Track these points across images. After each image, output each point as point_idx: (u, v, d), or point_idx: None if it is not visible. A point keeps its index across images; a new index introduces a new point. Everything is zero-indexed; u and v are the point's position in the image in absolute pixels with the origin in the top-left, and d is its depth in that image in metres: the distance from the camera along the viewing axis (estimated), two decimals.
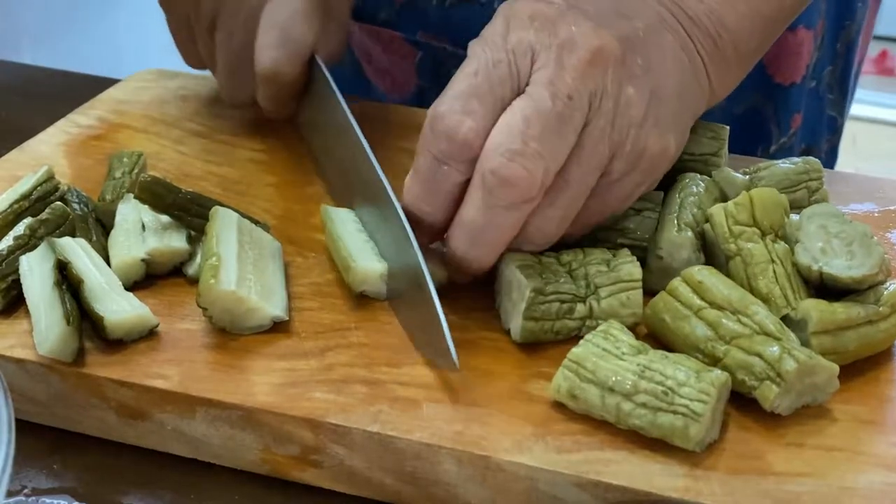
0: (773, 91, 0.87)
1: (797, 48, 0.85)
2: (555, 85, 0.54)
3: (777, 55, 0.85)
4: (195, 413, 0.52)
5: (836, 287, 0.55)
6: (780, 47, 0.85)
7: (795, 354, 0.50)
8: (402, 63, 0.89)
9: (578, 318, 0.55)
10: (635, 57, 0.57)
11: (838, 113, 0.94)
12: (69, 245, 0.57)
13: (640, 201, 0.62)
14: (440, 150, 0.55)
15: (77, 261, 0.56)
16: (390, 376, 0.53)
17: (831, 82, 0.92)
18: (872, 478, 0.49)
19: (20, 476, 0.52)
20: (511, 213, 0.54)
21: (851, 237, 0.55)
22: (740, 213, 0.56)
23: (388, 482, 0.51)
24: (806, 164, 0.65)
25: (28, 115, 0.84)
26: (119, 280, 0.57)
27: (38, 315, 0.54)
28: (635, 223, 0.61)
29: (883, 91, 3.01)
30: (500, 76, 0.55)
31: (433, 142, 0.55)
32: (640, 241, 0.61)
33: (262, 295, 0.56)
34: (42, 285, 0.55)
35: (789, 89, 0.87)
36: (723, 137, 0.66)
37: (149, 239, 0.60)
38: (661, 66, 0.58)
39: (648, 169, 0.58)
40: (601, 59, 0.55)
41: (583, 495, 0.48)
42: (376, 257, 0.59)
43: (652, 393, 0.49)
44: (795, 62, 0.86)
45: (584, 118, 0.54)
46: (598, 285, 0.56)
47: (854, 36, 0.90)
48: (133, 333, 0.55)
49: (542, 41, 0.55)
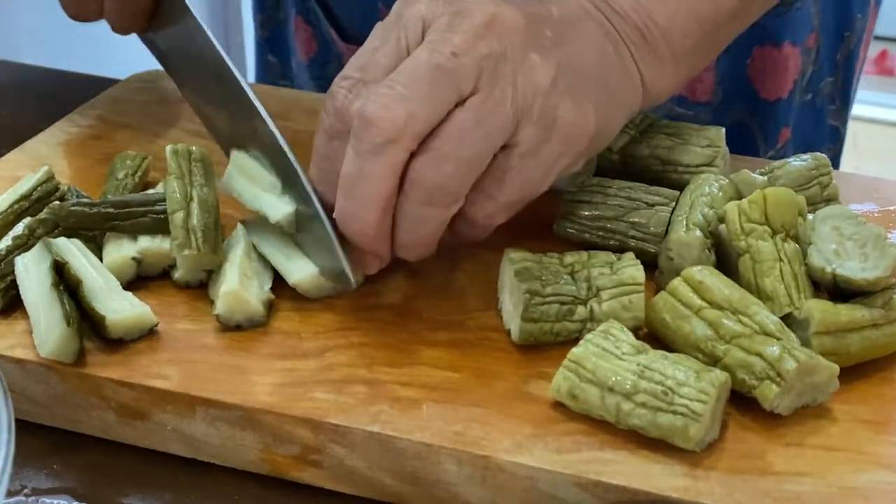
0: (759, 106, 0.86)
1: (783, 63, 0.85)
2: (437, 44, 0.53)
3: (762, 70, 0.85)
4: (195, 413, 0.52)
5: (850, 289, 0.55)
6: (765, 62, 0.84)
7: (796, 354, 0.50)
8: None
9: (579, 321, 0.55)
10: (543, 28, 0.56)
11: (841, 122, 0.93)
12: (65, 245, 0.57)
13: (653, 196, 0.62)
14: (329, 125, 0.55)
15: (74, 261, 0.56)
16: (390, 376, 0.53)
17: (832, 93, 0.91)
18: (872, 478, 0.49)
19: (20, 476, 0.52)
20: (377, 157, 0.52)
21: (865, 239, 0.55)
22: (753, 212, 0.56)
23: (388, 482, 0.51)
24: (815, 160, 0.65)
25: (28, 115, 0.84)
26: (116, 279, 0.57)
27: (37, 317, 0.54)
28: (647, 217, 0.61)
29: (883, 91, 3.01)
30: (389, 49, 0.55)
31: (324, 118, 0.55)
32: (651, 235, 0.61)
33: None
34: (39, 286, 0.55)
35: (775, 104, 0.86)
36: (718, 144, 0.65)
37: (141, 239, 0.60)
38: (577, 44, 0.57)
39: (565, 139, 0.55)
40: (497, 24, 0.54)
41: (583, 495, 0.48)
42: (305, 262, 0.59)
43: (652, 393, 0.49)
44: (781, 77, 0.85)
45: (472, 80, 0.53)
46: (599, 288, 0.56)
47: (854, 46, 0.90)
48: (133, 332, 0.55)
49: (434, 10, 0.55)
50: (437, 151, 0.53)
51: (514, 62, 0.54)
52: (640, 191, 0.62)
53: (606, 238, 0.62)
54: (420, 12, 0.55)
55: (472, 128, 0.53)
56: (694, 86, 0.85)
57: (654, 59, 0.60)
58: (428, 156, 0.53)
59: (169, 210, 0.59)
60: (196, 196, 0.59)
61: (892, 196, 0.71)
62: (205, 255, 0.57)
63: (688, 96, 0.85)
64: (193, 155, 0.62)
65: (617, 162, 0.67)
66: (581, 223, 0.62)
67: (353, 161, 0.53)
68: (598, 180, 0.64)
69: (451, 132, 0.53)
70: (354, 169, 0.53)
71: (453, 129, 0.53)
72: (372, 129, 0.52)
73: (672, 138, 0.66)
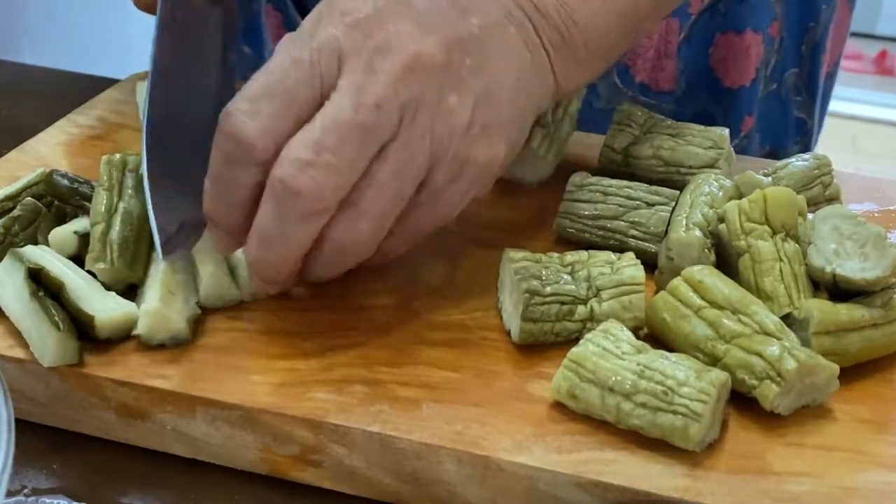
0: (722, 94, 0.86)
1: (745, 51, 0.85)
2: (361, 93, 0.51)
3: (724, 58, 0.85)
4: (195, 413, 0.52)
5: (850, 289, 0.55)
6: (728, 50, 0.85)
7: (796, 354, 0.50)
8: None
9: (579, 321, 0.55)
10: (464, 58, 0.54)
11: (807, 114, 0.93)
12: (35, 252, 0.56)
13: (653, 195, 0.62)
14: (227, 152, 0.52)
15: (50, 265, 0.55)
16: (390, 376, 0.53)
17: (798, 84, 0.91)
18: (872, 478, 0.49)
19: (20, 476, 0.52)
20: (302, 224, 0.52)
21: (865, 239, 0.55)
22: (753, 211, 0.56)
23: (388, 482, 0.51)
24: (816, 159, 0.65)
25: (28, 115, 0.84)
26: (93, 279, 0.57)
27: (28, 330, 0.53)
28: (646, 216, 0.61)
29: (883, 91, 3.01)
30: (299, 77, 0.52)
31: (222, 142, 0.53)
32: (651, 234, 0.61)
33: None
34: (19, 299, 0.54)
35: (738, 92, 0.86)
36: (722, 146, 0.65)
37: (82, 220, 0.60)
38: (496, 63, 0.55)
39: (475, 177, 0.55)
40: (419, 66, 0.52)
41: (583, 495, 0.48)
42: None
43: (652, 393, 0.49)
44: (743, 65, 0.85)
45: (393, 129, 0.52)
46: (599, 287, 0.55)
47: (820, 38, 0.90)
48: (120, 332, 0.55)
49: (353, 43, 0.52)
50: (354, 208, 0.52)
51: (432, 107, 0.52)
52: (639, 190, 0.62)
53: (606, 238, 0.62)
54: (336, 42, 0.52)
55: (388, 181, 0.52)
56: (657, 75, 0.85)
57: (570, 61, 0.59)
58: (345, 214, 0.52)
59: (90, 222, 0.58)
60: (121, 208, 0.58)
61: (892, 196, 0.71)
62: (121, 270, 0.56)
63: (651, 85, 0.86)
64: (128, 165, 0.60)
65: (619, 162, 0.67)
66: (581, 222, 0.62)
67: (273, 220, 0.52)
68: (597, 180, 0.64)
69: (369, 188, 0.52)
70: (277, 230, 0.52)
71: (371, 184, 0.52)
72: (300, 201, 0.51)
73: (675, 139, 0.66)
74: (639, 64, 0.84)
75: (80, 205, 0.61)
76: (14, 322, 0.55)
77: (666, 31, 0.83)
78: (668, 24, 0.83)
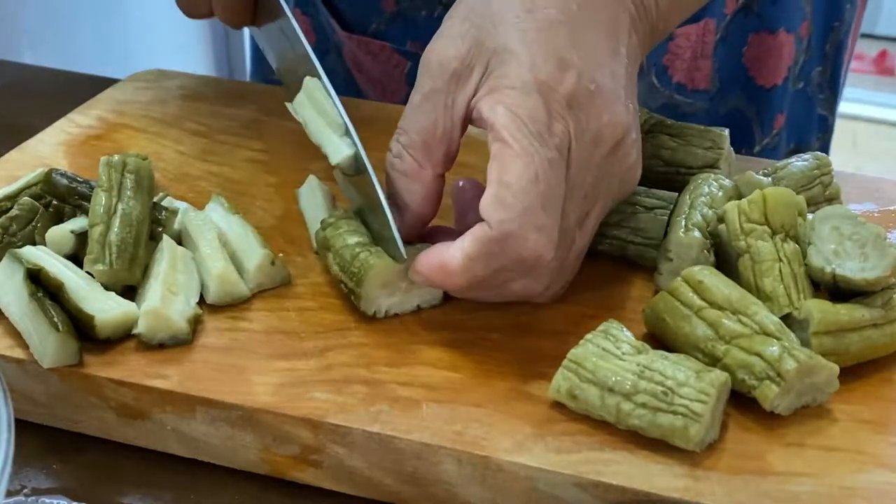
0: (756, 93, 0.87)
1: (778, 51, 0.86)
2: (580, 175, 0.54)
3: (758, 57, 0.86)
4: (195, 413, 0.52)
5: (850, 289, 0.55)
6: (761, 49, 0.86)
7: (795, 354, 0.50)
8: (393, 73, 0.89)
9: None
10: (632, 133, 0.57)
11: (829, 111, 0.94)
12: (34, 253, 0.57)
13: (652, 200, 0.62)
14: (507, 264, 0.53)
15: (49, 266, 0.55)
16: (390, 376, 0.53)
17: (821, 82, 0.92)
18: (872, 478, 0.49)
19: (20, 476, 0.52)
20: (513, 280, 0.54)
21: (865, 239, 0.55)
22: (753, 212, 0.56)
23: (388, 482, 0.51)
24: (816, 159, 0.65)
25: (28, 115, 0.84)
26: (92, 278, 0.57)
27: (27, 331, 0.54)
28: (646, 221, 0.61)
29: (883, 91, 3.01)
30: (558, 177, 0.52)
31: (501, 257, 0.52)
32: (651, 239, 0.61)
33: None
34: (18, 300, 0.54)
35: (771, 91, 0.87)
36: (721, 146, 0.65)
37: (79, 219, 0.60)
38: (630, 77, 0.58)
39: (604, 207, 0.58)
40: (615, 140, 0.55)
41: (583, 495, 0.48)
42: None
43: (652, 393, 0.49)
44: (776, 64, 0.86)
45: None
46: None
47: (843, 37, 0.91)
48: (120, 331, 0.55)
49: (579, 130, 0.54)
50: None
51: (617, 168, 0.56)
52: (637, 194, 0.62)
53: (607, 245, 0.62)
54: (569, 134, 0.53)
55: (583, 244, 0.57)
56: (693, 75, 0.86)
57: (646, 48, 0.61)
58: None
59: (89, 223, 0.58)
60: (120, 210, 0.58)
61: (892, 196, 0.71)
62: (119, 272, 0.56)
63: (687, 85, 0.86)
64: (128, 167, 0.60)
65: None
66: None
67: (494, 274, 0.53)
68: None
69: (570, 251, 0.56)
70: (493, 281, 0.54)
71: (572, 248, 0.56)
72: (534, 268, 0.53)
73: (675, 139, 0.66)
74: (677, 64, 0.85)
75: (78, 204, 0.61)
76: (14, 323, 0.55)
77: (703, 31, 0.84)
78: (706, 25, 0.84)
